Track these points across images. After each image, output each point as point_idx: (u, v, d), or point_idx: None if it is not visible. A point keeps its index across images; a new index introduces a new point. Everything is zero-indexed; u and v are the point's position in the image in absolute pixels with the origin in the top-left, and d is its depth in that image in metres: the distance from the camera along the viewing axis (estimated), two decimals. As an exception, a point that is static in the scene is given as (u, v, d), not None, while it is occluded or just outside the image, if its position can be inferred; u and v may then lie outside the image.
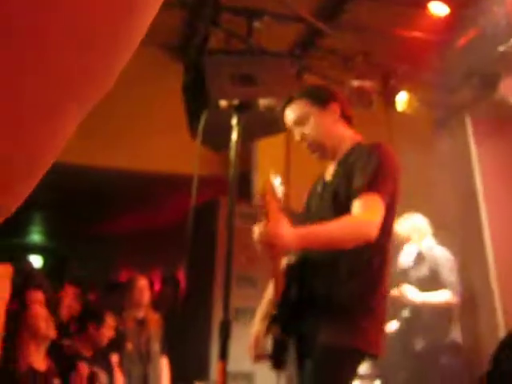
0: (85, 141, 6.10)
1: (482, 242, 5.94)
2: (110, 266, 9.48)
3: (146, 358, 4.68)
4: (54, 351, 3.66)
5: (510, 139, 6.07)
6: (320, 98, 2.68)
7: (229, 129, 2.68)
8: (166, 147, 6.32)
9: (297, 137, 2.71)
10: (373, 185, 2.39)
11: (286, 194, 6.44)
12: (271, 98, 2.58)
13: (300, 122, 2.67)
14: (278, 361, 2.40)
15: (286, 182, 6.34)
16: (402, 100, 6.18)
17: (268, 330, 2.42)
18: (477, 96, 6.20)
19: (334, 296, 2.42)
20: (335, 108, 2.68)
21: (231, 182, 2.42)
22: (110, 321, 4.45)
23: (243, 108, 2.46)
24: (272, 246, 2.29)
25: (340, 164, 2.63)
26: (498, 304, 5.77)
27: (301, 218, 2.75)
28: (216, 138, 2.72)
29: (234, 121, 2.45)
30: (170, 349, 4.89)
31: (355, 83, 5.95)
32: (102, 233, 9.94)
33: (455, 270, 5.18)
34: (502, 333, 5.63)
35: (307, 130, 2.66)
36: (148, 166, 6.38)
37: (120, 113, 6.16)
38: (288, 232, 2.25)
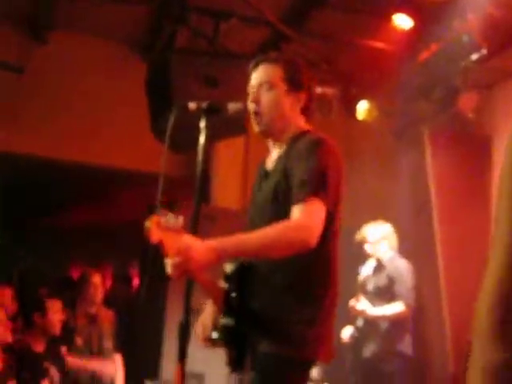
0: (39, 131, 6.04)
1: (434, 253, 6.04)
2: (59, 260, 9.33)
3: (97, 355, 4.63)
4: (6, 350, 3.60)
5: (465, 153, 6.18)
6: (295, 80, 2.54)
7: (189, 130, 2.66)
8: (123, 142, 6.26)
9: (251, 98, 2.55)
10: (313, 190, 2.28)
11: (244, 196, 6.40)
12: (240, 102, 2.52)
13: (263, 86, 2.53)
14: (235, 364, 2.38)
15: (244, 182, 6.37)
16: (362, 109, 6.24)
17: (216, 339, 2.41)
18: (435, 109, 6.30)
19: (274, 306, 2.37)
20: (302, 98, 2.56)
21: (197, 185, 2.39)
22: (55, 305, 4.35)
23: (212, 111, 2.43)
24: (189, 271, 2.18)
25: (284, 154, 2.50)
26: (446, 315, 5.87)
27: (248, 214, 2.71)
28: (176, 139, 2.71)
29: (202, 123, 2.42)
30: (123, 347, 4.86)
31: (317, 90, 5.99)
32: (52, 225, 9.78)
33: (411, 283, 5.25)
34: (449, 343, 5.73)
35: (265, 98, 2.52)
36: (104, 160, 6.31)
37: (78, 104, 6.09)
38: (199, 250, 2.14)
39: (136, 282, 8.30)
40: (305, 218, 2.25)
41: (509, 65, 5.83)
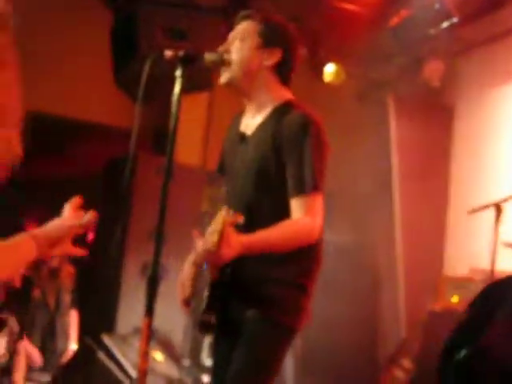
0: None
1: (392, 217, 6.10)
2: (15, 212, 9.17)
3: (54, 309, 4.59)
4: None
5: (428, 120, 6.22)
6: (269, 36, 2.49)
7: (154, 81, 2.59)
8: (85, 94, 6.13)
9: (223, 47, 2.51)
10: (313, 184, 2.32)
11: (205, 154, 6.35)
12: (216, 53, 2.45)
13: (237, 37, 2.51)
14: (206, 327, 2.38)
15: (206, 138, 6.32)
16: (329, 71, 6.20)
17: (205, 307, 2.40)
18: (401, 75, 6.30)
19: (268, 275, 2.38)
20: (275, 55, 2.49)
21: (171, 136, 2.34)
22: None
23: (188, 60, 2.36)
24: (218, 262, 2.23)
25: (266, 122, 2.46)
26: (400, 281, 5.96)
27: (221, 177, 2.68)
28: (139, 90, 2.64)
29: (178, 72, 2.35)
30: (78, 301, 4.83)
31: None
32: (12, 176, 9.59)
33: None
34: (402, 314, 5.83)
35: (235, 48, 2.48)
36: (64, 111, 6.16)
37: (38, 52, 5.90)
38: (234, 249, 2.18)
39: (91, 236, 8.20)
40: (310, 217, 2.32)
41: (477, 35, 5.84)
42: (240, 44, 2.49)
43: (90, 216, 1.70)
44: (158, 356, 4.44)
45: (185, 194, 5.30)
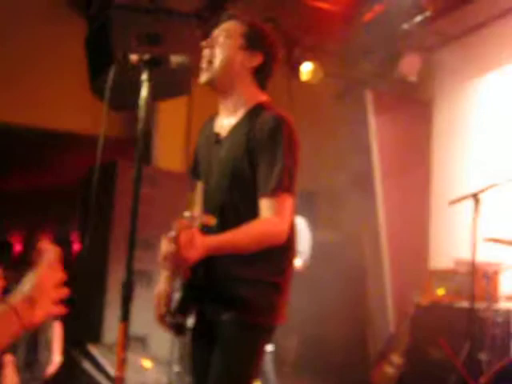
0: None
1: (375, 213, 6.12)
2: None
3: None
4: None
5: (407, 116, 6.26)
6: (253, 39, 2.49)
7: (130, 88, 2.57)
8: (60, 103, 6.08)
9: (206, 44, 2.51)
10: (283, 184, 2.30)
11: (187, 159, 6.34)
12: (183, 56, 2.44)
13: (221, 35, 2.50)
14: (178, 329, 2.38)
15: (187, 144, 6.30)
16: (306, 70, 6.21)
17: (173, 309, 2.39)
18: (378, 71, 6.33)
19: (240, 274, 2.37)
20: (256, 58, 2.48)
21: (139, 142, 2.32)
22: None
23: (154, 63, 2.34)
24: (181, 264, 2.21)
25: (240, 124, 2.46)
26: (387, 274, 5.98)
27: (194, 178, 2.67)
28: (117, 98, 2.62)
29: (144, 76, 2.34)
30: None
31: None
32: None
33: (309, 241, 5.36)
34: (390, 309, 5.86)
35: (218, 46, 2.48)
36: (41, 122, 6.12)
37: (14, 64, 5.86)
38: (198, 251, 2.14)
39: (77, 246, 8.17)
40: (280, 217, 2.30)
41: (451, 28, 5.87)
42: (224, 40, 2.49)
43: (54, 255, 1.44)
44: (147, 363, 4.42)
45: (169, 199, 5.28)
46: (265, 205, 2.32)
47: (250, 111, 2.47)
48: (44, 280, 1.38)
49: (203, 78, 2.51)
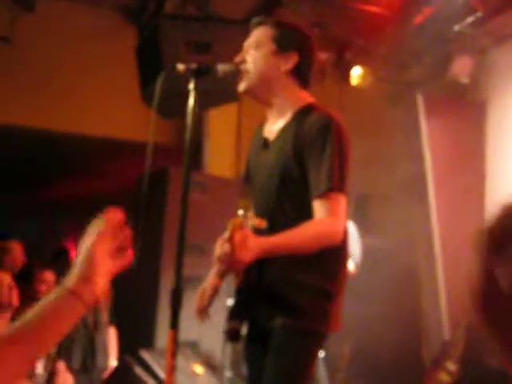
0: (34, 102, 5.94)
1: (429, 219, 6.03)
2: (52, 232, 9.29)
3: (92, 328, 4.62)
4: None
5: (460, 118, 6.15)
6: (284, 40, 2.46)
7: (181, 96, 2.60)
8: (112, 112, 6.18)
9: (238, 57, 2.51)
10: (334, 184, 2.29)
11: (237, 164, 6.35)
12: (230, 64, 2.45)
13: (252, 46, 2.50)
14: (233, 335, 2.39)
15: (238, 150, 6.32)
16: (356, 74, 6.18)
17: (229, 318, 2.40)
18: (429, 74, 6.25)
19: (294, 280, 2.36)
20: (292, 59, 2.46)
21: (186, 149, 2.34)
22: (46, 277, 4.32)
23: (201, 72, 2.36)
24: (236, 266, 2.23)
25: (287, 126, 2.45)
26: (440, 282, 5.88)
27: (247, 186, 2.67)
28: (167, 106, 2.65)
29: (191, 85, 2.36)
30: (116, 318, 4.85)
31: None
32: (43, 198, 9.72)
33: (359, 244, 5.33)
34: (444, 315, 5.75)
35: (250, 57, 2.48)
36: (92, 130, 6.23)
37: (67, 74, 5.99)
38: (251, 252, 2.16)
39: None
40: (333, 218, 2.30)
41: (503, 29, 5.76)
42: (255, 52, 2.48)
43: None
44: (198, 368, 4.44)
45: (219, 205, 5.31)
46: (318, 206, 2.31)
47: (297, 112, 2.46)
48: (95, 252, 1.31)
49: (240, 88, 2.51)
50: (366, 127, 5.97)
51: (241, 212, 2.16)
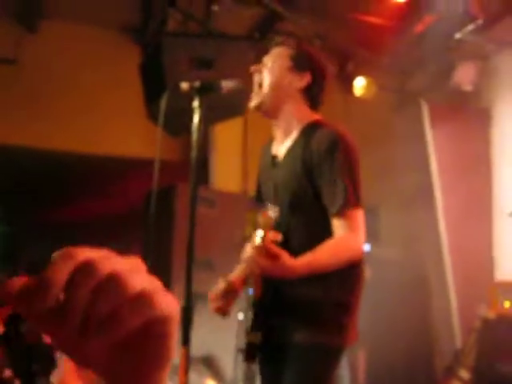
0: (40, 123, 5.99)
1: (437, 226, 6.02)
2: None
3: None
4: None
5: (464, 126, 6.15)
6: (300, 60, 2.56)
7: (186, 113, 2.62)
8: (121, 130, 6.23)
9: (256, 69, 2.60)
10: (351, 200, 2.33)
11: (244, 179, 6.34)
12: (234, 80, 2.48)
13: (269, 60, 2.59)
14: (249, 355, 2.39)
15: (244, 165, 6.34)
16: (359, 85, 6.20)
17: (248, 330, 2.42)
18: (432, 82, 6.26)
19: (311, 296, 2.38)
20: (305, 78, 2.54)
21: (193, 166, 2.36)
22: None
23: (205, 90, 2.39)
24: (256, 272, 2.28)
25: (295, 144, 2.49)
26: (451, 288, 5.87)
27: (259, 205, 2.69)
28: (173, 123, 2.67)
29: (196, 103, 2.38)
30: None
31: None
32: (57, 218, 9.74)
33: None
34: (456, 322, 5.74)
35: (267, 69, 2.57)
36: (102, 149, 6.27)
37: (77, 94, 6.03)
38: (289, 272, 2.22)
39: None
40: (353, 233, 2.34)
41: (504, 35, 5.77)
42: (272, 64, 2.56)
43: None
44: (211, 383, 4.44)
45: (227, 220, 5.32)
46: (337, 225, 2.35)
47: (303, 130, 2.50)
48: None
49: (253, 103, 2.55)
50: (372, 137, 5.98)
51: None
